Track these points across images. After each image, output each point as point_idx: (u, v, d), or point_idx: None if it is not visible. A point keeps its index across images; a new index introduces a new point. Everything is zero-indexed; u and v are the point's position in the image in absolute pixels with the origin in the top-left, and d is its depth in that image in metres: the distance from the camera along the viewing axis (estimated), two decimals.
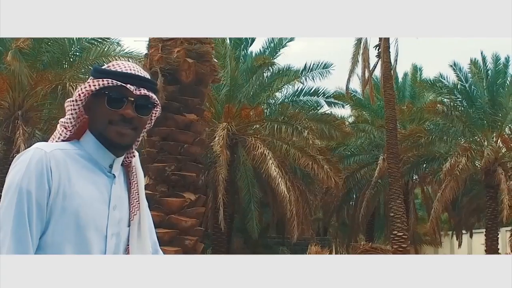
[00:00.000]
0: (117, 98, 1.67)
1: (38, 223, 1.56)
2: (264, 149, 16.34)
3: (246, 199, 18.15)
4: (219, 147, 15.39)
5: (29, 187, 1.55)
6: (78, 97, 1.69)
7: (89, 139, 1.71)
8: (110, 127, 1.67)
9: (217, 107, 18.14)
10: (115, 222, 1.69)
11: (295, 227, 16.88)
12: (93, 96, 1.69)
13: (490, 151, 17.80)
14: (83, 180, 1.64)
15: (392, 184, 18.00)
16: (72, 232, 1.60)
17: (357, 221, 23.50)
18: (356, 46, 19.49)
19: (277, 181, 15.75)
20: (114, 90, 1.67)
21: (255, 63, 17.58)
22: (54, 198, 1.58)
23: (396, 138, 18.37)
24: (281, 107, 18.80)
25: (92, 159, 1.69)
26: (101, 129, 1.68)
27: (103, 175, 1.70)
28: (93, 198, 1.64)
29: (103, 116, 1.67)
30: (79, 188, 1.62)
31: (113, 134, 1.67)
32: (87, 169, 1.67)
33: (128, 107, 1.67)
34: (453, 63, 19.90)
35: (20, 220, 1.53)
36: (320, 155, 17.44)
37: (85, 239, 1.61)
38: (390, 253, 17.64)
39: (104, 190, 1.69)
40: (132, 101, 1.68)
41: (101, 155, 1.70)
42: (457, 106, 19.94)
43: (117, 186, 1.73)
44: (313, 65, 18.47)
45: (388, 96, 18.23)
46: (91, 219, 1.63)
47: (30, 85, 13.19)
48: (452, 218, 24.64)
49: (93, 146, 1.70)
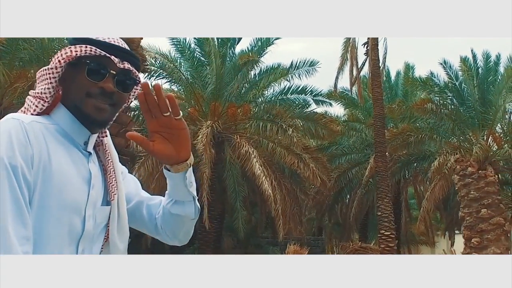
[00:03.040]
0: (98, 70, 1.54)
1: (27, 200, 1.42)
2: (249, 147, 16.27)
3: (233, 198, 18.05)
4: (202, 145, 15.33)
5: (14, 161, 1.41)
6: (58, 63, 1.55)
7: (63, 113, 1.58)
8: (88, 100, 1.54)
9: (203, 105, 18.06)
10: (93, 202, 1.57)
11: (281, 226, 16.80)
12: (70, 66, 1.55)
13: (479, 149, 17.59)
14: (61, 156, 1.51)
15: (380, 183, 17.88)
16: (54, 211, 1.47)
17: (349, 221, 23.39)
18: (345, 44, 19.40)
19: (261, 179, 15.67)
20: (95, 61, 1.54)
21: (240, 61, 17.48)
22: (35, 174, 1.45)
23: (384, 137, 18.25)
24: (267, 105, 18.70)
25: (67, 135, 1.56)
26: (77, 102, 1.55)
27: (78, 152, 1.57)
28: (73, 177, 1.52)
29: (81, 88, 1.54)
30: (59, 165, 1.49)
31: (90, 108, 1.54)
32: (64, 145, 1.54)
33: (109, 80, 1.55)
34: (443, 61, 19.70)
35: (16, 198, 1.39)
36: (307, 153, 17.34)
37: (64, 219, 1.49)
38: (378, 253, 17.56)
39: (83, 169, 1.56)
40: (113, 74, 1.56)
41: (76, 130, 1.57)
42: (447, 104, 19.75)
43: (92, 165, 1.60)
44: (299, 63, 18.38)
45: (376, 94, 18.12)
46: (72, 198, 1.50)
47: (8, 82, 13.13)
48: (445, 217, 24.48)
49: (68, 120, 1.57)
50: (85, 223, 1.55)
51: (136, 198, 1.78)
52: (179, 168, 1.62)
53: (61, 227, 1.49)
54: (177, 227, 1.74)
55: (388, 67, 24.06)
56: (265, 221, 21.92)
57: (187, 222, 1.73)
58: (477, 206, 15.61)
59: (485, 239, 15.26)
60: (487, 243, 15.22)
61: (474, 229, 15.49)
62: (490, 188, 15.72)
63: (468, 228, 15.70)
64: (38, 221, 1.46)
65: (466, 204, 15.86)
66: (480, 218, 15.46)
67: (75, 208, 1.52)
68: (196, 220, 1.74)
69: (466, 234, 15.86)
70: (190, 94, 18.40)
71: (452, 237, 25.22)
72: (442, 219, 26.20)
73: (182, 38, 18.62)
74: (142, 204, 1.78)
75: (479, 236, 15.36)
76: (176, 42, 18.67)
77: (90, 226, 1.56)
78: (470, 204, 15.76)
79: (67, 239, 1.51)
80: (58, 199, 1.48)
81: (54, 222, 1.48)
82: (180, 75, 18.44)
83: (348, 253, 18.03)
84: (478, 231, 15.38)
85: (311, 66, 18.48)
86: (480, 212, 15.48)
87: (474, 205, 15.65)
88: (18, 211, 1.39)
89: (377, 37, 18.18)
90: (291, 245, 14.81)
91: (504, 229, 15.46)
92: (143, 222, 1.78)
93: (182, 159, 1.61)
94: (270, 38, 18.39)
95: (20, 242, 1.38)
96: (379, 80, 18.33)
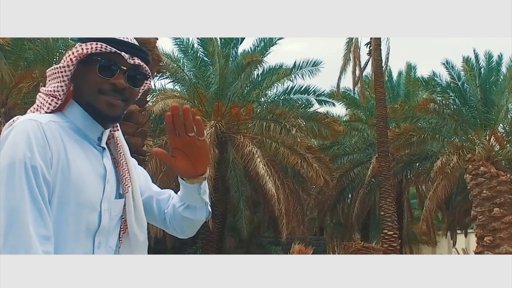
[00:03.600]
0: (109, 66, 1.57)
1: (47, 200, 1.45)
2: (253, 147, 16.28)
3: (236, 198, 18.06)
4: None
5: (33, 161, 1.43)
6: (70, 61, 1.57)
7: (75, 109, 1.61)
8: (100, 97, 1.57)
9: (207, 105, 18.07)
10: (107, 197, 1.60)
11: (284, 225, 16.82)
12: (81, 63, 1.58)
13: (482, 149, 17.61)
14: (77, 155, 1.54)
15: (383, 183, 17.89)
16: (72, 209, 1.50)
17: (351, 221, 23.40)
18: (348, 44, 19.42)
19: (265, 179, 15.68)
20: (106, 57, 1.57)
21: (243, 61, 17.50)
22: (54, 174, 1.48)
23: (387, 137, 18.26)
24: (270, 105, 18.71)
25: (80, 132, 1.59)
26: (89, 99, 1.58)
27: (93, 148, 1.61)
28: (90, 175, 1.56)
29: (92, 85, 1.57)
30: (76, 165, 1.52)
31: (102, 105, 1.57)
32: (79, 142, 1.57)
33: (120, 76, 1.58)
34: (445, 61, 19.72)
35: (36, 198, 1.42)
36: (310, 153, 17.36)
37: (82, 217, 1.52)
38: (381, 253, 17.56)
39: (98, 164, 1.60)
40: (124, 70, 1.59)
41: (89, 127, 1.60)
42: (449, 104, 19.76)
43: (106, 160, 1.64)
44: (302, 63, 18.40)
45: (378, 94, 18.13)
46: (89, 196, 1.54)
47: (13, 82, 13.14)
48: (447, 217, 24.49)
49: (81, 117, 1.60)
50: (101, 218, 1.58)
51: (147, 193, 1.82)
52: (195, 181, 1.68)
53: (79, 224, 1.53)
54: (186, 226, 1.80)
55: (390, 67, 24.09)
56: (267, 221, 21.91)
57: (197, 223, 1.80)
58: (490, 205, 15.75)
59: (497, 237, 15.37)
60: (499, 242, 15.34)
61: (486, 227, 15.60)
62: (502, 187, 15.85)
63: (481, 227, 15.81)
64: (58, 220, 1.48)
65: (479, 203, 15.98)
66: (492, 217, 15.59)
67: (92, 204, 1.56)
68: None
69: (479, 233, 15.96)
70: (193, 94, 18.40)
71: (454, 237, 25.22)
72: (444, 219, 26.21)
73: (185, 38, 18.65)
74: (152, 198, 1.82)
75: (492, 235, 15.46)
76: (179, 42, 18.67)
77: (106, 220, 1.59)
78: (482, 203, 15.88)
79: (84, 234, 1.54)
80: (76, 198, 1.51)
81: (73, 220, 1.51)
82: (183, 75, 18.45)
83: (351, 253, 18.00)
84: (491, 229, 15.50)
85: (314, 66, 18.50)
86: (492, 211, 15.60)
87: (487, 204, 15.79)
88: (38, 212, 1.42)
89: (380, 37, 18.22)
90: (296, 245, 14.82)
91: None
92: (153, 215, 1.82)
93: (198, 174, 1.67)
94: (273, 38, 18.40)
95: (41, 242, 1.40)
96: (381, 80, 18.35)
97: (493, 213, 15.55)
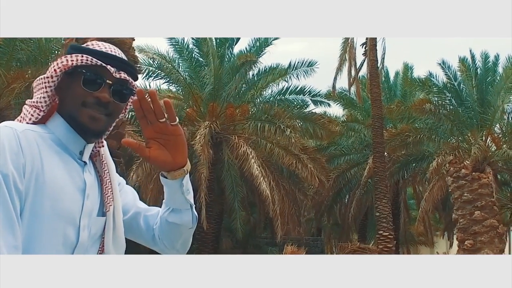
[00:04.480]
0: (94, 79, 1.53)
1: (17, 209, 1.40)
2: (247, 148, 16.26)
3: (231, 198, 18.03)
4: (200, 145, 15.32)
5: (5, 169, 1.38)
6: (54, 72, 1.54)
7: (58, 122, 1.56)
8: (83, 110, 1.53)
9: (202, 105, 18.04)
10: (87, 212, 1.55)
11: (279, 226, 16.79)
12: (66, 75, 1.55)
13: (478, 149, 17.57)
14: (55, 165, 1.50)
15: (378, 184, 17.86)
16: (47, 219, 1.45)
17: (348, 221, 23.37)
18: (344, 44, 19.38)
19: (259, 180, 15.65)
20: (91, 70, 1.53)
21: (238, 61, 17.47)
22: (27, 183, 1.43)
23: (383, 137, 18.23)
24: (265, 106, 18.68)
25: (62, 144, 1.55)
26: (72, 112, 1.54)
27: (74, 161, 1.56)
28: (67, 186, 1.50)
29: (76, 98, 1.53)
30: (52, 174, 1.47)
31: (85, 118, 1.53)
32: (59, 154, 1.53)
33: (104, 90, 1.54)
34: (442, 62, 19.68)
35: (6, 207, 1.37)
36: (305, 154, 17.33)
37: (58, 229, 1.47)
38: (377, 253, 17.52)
39: (77, 177, 1.54)
40: (109, 84, 1.54)
41: (71, 140, 1.56)
42: (446, 105, 19.73)
43: (87, 174, 1.58)
44: (297, 63, 18.37)
45: (374, 94, 18.10)
46: (66, 208, 1.48)
47: (5, 83, 13.13)
48: (444, 217, 24.45)
49: (63, 129, 1.55)
50: (79, 233, 1.53)
51: (134, 209, 1.77)
52: (176, 174, 1.61)
53: (55, 237, 1.48)
54: (174, 236, 1.73)
55: (386, 68, 24.08)
56: (263, 222, 21.88)
57: (185, 231, 1.72)
58: (471, 208, 15.48)
59: (478, 241, 15.15)
60: (480, 245, 15.11)
61: (467, 231, 15.37)
62: (484, 190, 15.61)
63: (462, 230, 15.59)
64: (30, 230, 1.44)
65: (460, 206, 15.75)
66: (473, 220, 15.34)
67: (69, 218, 1.50)
68: (193, 230, 1.73)
69: (460, 236, 15.77)
70: (188, 95, 18.39)
71: (451, 238, 25.18)
72: (441, 219, 26.17)
73: (180, 38, 18.62)
74: (139, 215, 1.77)
75: (473, 239, 15.24)
76: (174, 43, 18.66)
77: (84, 237, 1.54)
78: (463, 206, 15.63)
79: (61, 248, 1.50)
80: (51, 208, 1.46)
81: (48, 231, 1.46)
82: (178, 75, 18.42)
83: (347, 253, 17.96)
84: (472, 233, 15.26)
85: (310, 67, 18.48)
86: (473, 214, 15.36)
87: (468, 207, 15.53)
88: (7, 220, 1.38)
89: (376, 37, 18.18)
90: (288, 246, 14.77)
91: (497, 231, 15.37)
92: (140, 233, 1.77)
93: (178, 166, 1.60)
94: (268, 39, 18.37)
95: (9, 251, 1.36)
96: (377, 81, 18.32)
97: (474, 216, 15.33)
